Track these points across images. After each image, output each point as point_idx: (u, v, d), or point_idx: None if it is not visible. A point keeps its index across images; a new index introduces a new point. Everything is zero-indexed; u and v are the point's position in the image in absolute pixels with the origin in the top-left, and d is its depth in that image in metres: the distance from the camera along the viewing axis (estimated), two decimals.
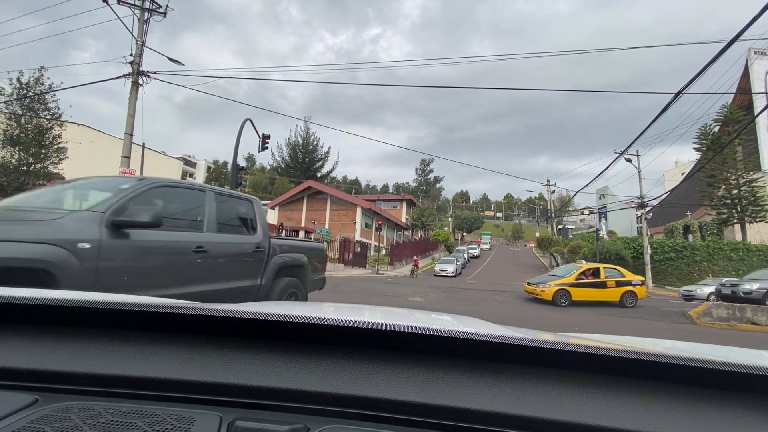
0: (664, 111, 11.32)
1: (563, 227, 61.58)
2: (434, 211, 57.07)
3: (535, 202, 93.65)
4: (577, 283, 12.91)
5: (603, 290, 13.05)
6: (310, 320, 0.79)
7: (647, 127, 13.55)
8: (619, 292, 13.19)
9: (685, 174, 37.16)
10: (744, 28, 7.65)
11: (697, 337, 8.09)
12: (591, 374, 0.74)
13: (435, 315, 1.67)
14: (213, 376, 0.72)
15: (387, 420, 0.68)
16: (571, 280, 12.95)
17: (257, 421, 0.64)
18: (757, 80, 33.74)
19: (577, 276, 13.12)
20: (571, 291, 12.69)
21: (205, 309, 0.81)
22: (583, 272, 13.31)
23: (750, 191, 28.89)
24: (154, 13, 13.39)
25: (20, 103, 17.05)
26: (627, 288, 13.31)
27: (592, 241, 31.28)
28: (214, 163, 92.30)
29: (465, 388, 0.70)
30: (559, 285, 12.77)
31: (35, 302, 0.83)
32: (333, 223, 35.21)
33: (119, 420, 0.62)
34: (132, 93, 13.29)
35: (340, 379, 0.72)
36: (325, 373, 0.73)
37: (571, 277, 13.06)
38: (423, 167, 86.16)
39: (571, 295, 12.64)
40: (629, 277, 13.77)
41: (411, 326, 0.77)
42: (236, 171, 13.89)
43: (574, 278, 13.02)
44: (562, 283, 12.84)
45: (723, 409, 0.67)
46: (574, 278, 13.02)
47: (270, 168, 71.56)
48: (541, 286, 12.98)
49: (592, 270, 13.50)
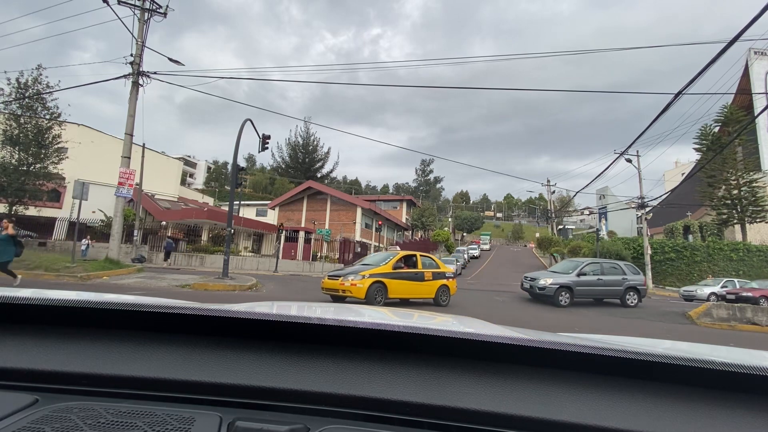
0: (665, 111, 11.33)
1: (563, 228, 61.63)
2: (434, 211, 57.09)
3: (535, 202, 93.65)
4: (395, 273, 9.81)
5: (420, 284, 10.36)
6: (310, 320, 0.79)
7: (647, 128, 13.57)
8: (436, 286, 10.60)
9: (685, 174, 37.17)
10: (744, 29, 7.65)
11: (697, 338, 8.09)
12: (591, 375, 0.74)
13: (435, 315, 1.68)
14: (213, 376, 0.72)
15: (387, 420, 0.68)
16: (388, 269, 9.76)
17: (257, 421, 0.64)
18: (757, 81, 33.74)
19: (395, 264, 9.98)
20: (389, 284, 9.56)
21: (205, 309, 0.81)
22: (402, 259, 10.36)
23: (750, 192, 28.88)
24: (154, 13, 13.41)
25: (19, 103, 17.06)
26: (442, 282, 10.75)
27: (592, 241, 31.28)
28: (214, 164, 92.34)
29: (465, 389, 0.70)
30: (375, 276, 9.44)
31: (35, 302, 0.83)
32: (333, 223, 35.21)
33: (119, 420, 0.62)
34: (132, 93, 13.30)
35: (340, 380, 0.72)
36: (326, 373, 0.73)
37: (388, 266, 9.83)
38: (423, 167, 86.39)
39: (387, 290, 9.52)
40: (443, 268, 11.25)
41: (411, 326, 0.77)
42: (236, 171, 13.90)
43: (392, 267, 9.84)
44: (378, 273, 9.53)
45: (723, 409, 0.67)
46: (392, 267, 9.84)
47: (270, 168, 71.66)
48: (351, 279, 9.26)
49: (408, 257, 10.68)
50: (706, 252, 28.24)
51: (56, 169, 18.80)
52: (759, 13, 7.32)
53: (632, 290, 13.17)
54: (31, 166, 17.88)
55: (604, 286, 13.02)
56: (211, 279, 12.38)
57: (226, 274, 12.48)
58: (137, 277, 12.30)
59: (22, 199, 18.39)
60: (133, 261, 17.32)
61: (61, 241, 21.91)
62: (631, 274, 13.46)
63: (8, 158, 17.35)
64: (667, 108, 11.08)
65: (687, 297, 19.84)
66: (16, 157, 17.50)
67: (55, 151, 18.39)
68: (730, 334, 9.29)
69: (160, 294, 9.01)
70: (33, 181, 18.29)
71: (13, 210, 18.34)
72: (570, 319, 10.02)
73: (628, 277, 13.25)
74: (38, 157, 17.93)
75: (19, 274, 8.72)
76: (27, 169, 17.77)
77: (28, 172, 17.80)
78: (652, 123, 12.64)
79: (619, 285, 13.09)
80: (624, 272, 13.38)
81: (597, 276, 12.99)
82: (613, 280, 13.11)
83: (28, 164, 17.80)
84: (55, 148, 18.36)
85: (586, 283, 12.76)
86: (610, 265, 13.71)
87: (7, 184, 17.33)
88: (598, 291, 13.08)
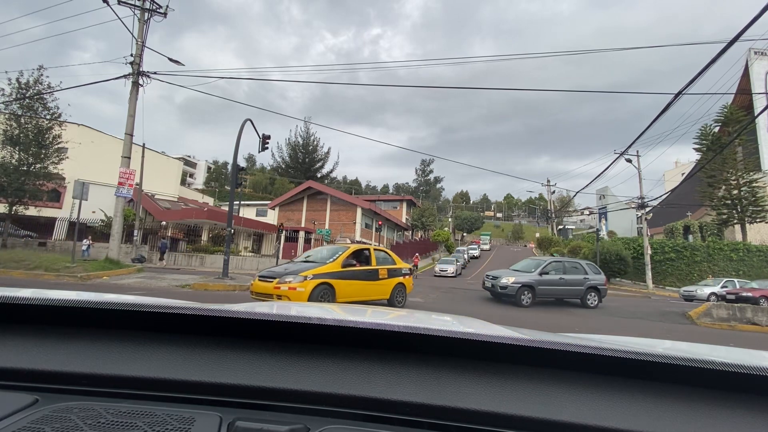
0: (665, 111, 11.33)
1: (563, 228, 61.67)
2: (434, 211, 57.08)
3: (535, 202, 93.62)
4: (344, 272, 8.16)
5: (374, 284, 8.86)
6: (310, 321, 0.79)
7: (647, 128, 13.56)
8: (391, 285, 9.18)
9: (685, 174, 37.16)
10: (744, 29, 7.65)
11: (697, 338, 8.09)
12: (591, 375, 0.74)
13: (435, 315, 1.67)
14: (213, 376, 0.72)
15: (387, 420, 0.68)
16: (336, 268, 8.07)
17: (257, 421, 0.64)
18: (757, 81, 33.74)
19: (345, 261, 8.33)
20: (337, 286, 7.82)
21: (205, 309, 0.81)
22: (353, 255, 8.72)
23: (750, 192, 28.87)
24: (154, 13, 13.41)
25: (20, 103, 17.06)
26: (398, 280, 9.37)
27: (592, 241, 31.26)
28: (214, 164, 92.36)
29: (465, 389, 0.70)
30: (320, 277, 7.66)
31: (36, 302, 0.83)
32: (333, 223, 35.22)
33: (119, 420, 0.62)
34: (132, 93, 13.30)
35: (340, 380, 0.72)
36: (326, 373, 0.73)
37: (336, 263, 8.16)
38: (423, 168, 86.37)
39: (335, 293, 7.82)
40: (399, 263, 9.76)
41: (411, 327, 0.77)
42: (236, 171, 13.90)
43: (341, 264, 8.19)
44: (323, 273, 7.77)
45: (723, 409, 0.67)
46: (341, 264, 8.19)
47: (270, 168, 71.65)
48: (290, 281, 7.42)
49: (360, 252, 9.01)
50: (706, 252, 28.23)
51: (56, 169, 18.79)
52: (759, 14, 7.32)
53: (593, 290, 12.60)
54: (31, 166, 17.87)
55: (566, 286, 12.44)
56: (211, 279, 12.38)
57: (226, 274, 12.48)
58: (137, 277, 12.30)
59: (22, 199, 18.40)
60: (133, 261, 17.33)
61: (61, 241, 21.93)
62: (593, 273, 12.86)
63: (8, 158, 17.36)
64: (667, 108, 11.08)
65: (687, 297, 19.84)
66: (16, 157, 17.49)
67: (55, 151, 18.38)
68: (730, 334, 9.29)
69: (160, 294, 9.01)
70: (33, 181, 18.28)
71: (13, 210, 18.36)
72: (570, 319, 10.01)
73: (589, 277, 12.65)
74: (38, 157, 17.92)
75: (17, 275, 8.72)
76: (27, 169, 17.76)
77: (28, 172, 17.79)
78: (652, 123, 12.65)
79: (580, 285, 12.51)
80: (585, 272, 12.76)
81: (559, 275, 12.39)
82: (575, 279, 12.52)
83: (29, 164, 17.79)
84: (55, 148, 18.34)
85: (548, 283, 12.16)
86: (572, 264, 13.10)
87: (7, 184, 17.33)
88: (561, 291, 12.51)
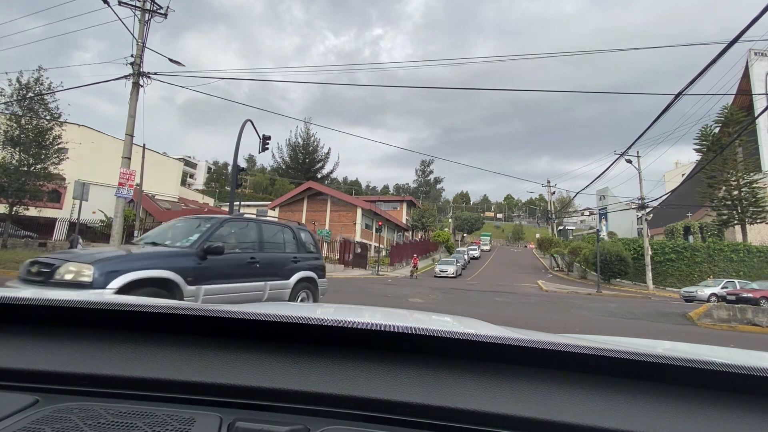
0: (665, 112, 11.33)
1: (564, 228, 61.56)
2: (434, 212, 57.05)
3: (535, 203, 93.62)
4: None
5: None
6: (310, 321, 0.79)
7: (648, 128, 13.57)
8: None
9: (685, 175, 37.19)
10: (744, 30, 7.65)
11: (697, 339, 8.07)
12: (591, 375, 0.74)
13: (435, 316, 1.68)
14: (213, 377, 0.72)
15: (387, 421, 0.68)
16: None
17: (257, 422, 0.64)
18: (757, 81, 33.75)
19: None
20: None
21: (205, 310, 0.81)
22: None
23: (750, 192, 28.85)
24: (154, 14, 13.41)
25: (20, 104, 17.07)
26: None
27: (592, 242, 31.23)
28: (214, 164, 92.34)
29: (465, 389, 0.70)
30: None
31: (36, 303, 0.83)
32: (333, 223, 35.23)
33: (120, 421, 0.62)
34: (133, 94, 13.30)
35: (340, 380, 0.72)
36: (326, 374, 0.73)
37: None
38: (423, 168, 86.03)
39: None
40: None
41: (411, 327, 0.77)
42: (237, 172, 13.91)
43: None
44: None
45: (723, 410, 0.67)
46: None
47: (270, 169, 71.66)
48: None
49: None
50: (707, 253, 28.20)
51: (56, 169, 18.78)
52: (759, 14, 7.32)
53: None
54: (31, 167, 17.86)
55: None
56: None
57: None
58: None
59: (22, 199, 18.38)
60: None
61: (62, 242, 21.91)
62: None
63: (9, 159, 17.36)
64: (667, 108, 11.08)
65: (687, 298, 19.82)
66: (16, 158, 17.48)
67: (55, 152, 18.37)
68: (731, 335, 9.28)
69: None
70: (33, 181, 18.27)
71: (13, 210, 18.35)
72: (570, 320, 10.00)
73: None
74: (39, 157, 17.92)
75: None
76: (27, 169, 17.75)
77: (28, 172, 17.78)
78: (653, 124, 12.64)
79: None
80: None
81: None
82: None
83: (29, 165, 17.78)
84: (55, 149, 18.33)
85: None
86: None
87: (7, 184, 17.32)
88: None
